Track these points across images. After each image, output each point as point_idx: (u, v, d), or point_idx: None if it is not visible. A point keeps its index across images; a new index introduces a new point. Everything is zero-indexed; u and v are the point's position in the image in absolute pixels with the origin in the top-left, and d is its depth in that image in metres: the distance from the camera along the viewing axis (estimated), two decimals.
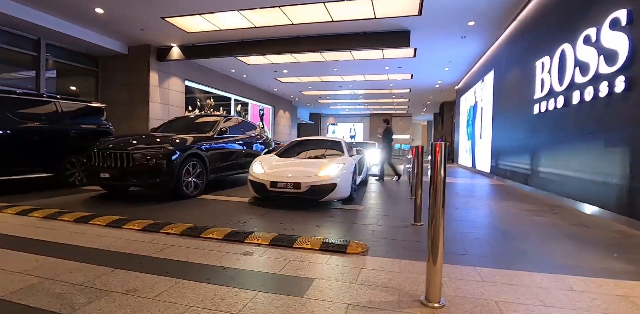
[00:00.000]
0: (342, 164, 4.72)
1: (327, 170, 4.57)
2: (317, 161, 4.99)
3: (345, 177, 4.61)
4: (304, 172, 4.62)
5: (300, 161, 5.21)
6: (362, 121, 30.29)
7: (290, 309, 1.81)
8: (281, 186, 4.44)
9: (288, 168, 4.84)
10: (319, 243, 2.88)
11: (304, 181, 4.40)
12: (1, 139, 4.91)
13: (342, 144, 5.91)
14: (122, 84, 10.06)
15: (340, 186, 4.47)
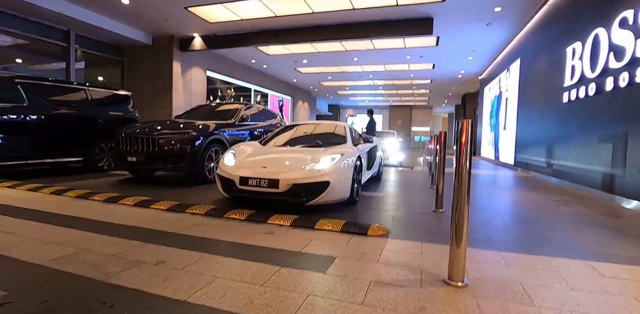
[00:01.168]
0: (339, 156, 3.56)
1: (317, 163, 3.44)
2: (308, 151, 3.86)
3: (343, 173, 3.45)
4: (286, 165, 3.55)
5: (286, 151, 4.07)
6: (381, 112, 29.95)
7: (313, 283, 1.84)
8: (253, 183, 3.31)
9: (267, 159, 3.72)
10: (340, 224, 2.90)
11: (283, 176, 3.25)
12: (37, 125, 5.14)
13: (345, 130, 4.68)
14: (147, 73, 10.30)
15: (335, 185, 3.33)
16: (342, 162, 3.52)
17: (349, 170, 3.57)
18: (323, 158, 3.52)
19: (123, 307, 1.54)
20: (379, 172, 5.97)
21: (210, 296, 1.66)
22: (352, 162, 3.67)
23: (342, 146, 4.11)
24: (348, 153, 3.70)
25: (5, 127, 4.78)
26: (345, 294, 1.72)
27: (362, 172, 4.23)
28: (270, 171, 3.40)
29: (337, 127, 4.88)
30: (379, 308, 1.60)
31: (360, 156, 4.02)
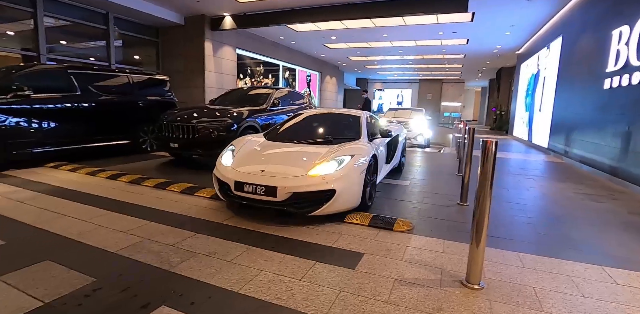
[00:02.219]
0: (348, 158, 3.15)
1: (321, 167, 3.04)
2: (314, 150, 3.41)
3: (352, 178, 3.06)
4: (287, 168, 3.11)
5: (290, 150, 3.56)
6: (410, 86, 29.09)
7: (344, 279, 2.11)
8: (249, 189, 2.96)
9: (266, 160, 3.33)
10: (367, 219, 3.14)
11: (282, 184, 2.89)
12: (88, 111, 5.58)
13: (360, 123, 4.13)
14: (180, 53, 10.55)
15: (343, 194, 2.97)
16: (352, 165, 3.11)
17: (360, 174, 3.15)
18: (329, 161, 3.09)
19: (189, 296, 1.88)
20: (400, 164, 5.50)
21: (257, 288, 1.97)
22: (364, 163, 3.23)
23: (354, 143, 3.62)
24: (360, 153, 3.30)
25: (62, 114, 5.24)
26: (372, 292, 1.98)
27: (379, 171, 3.87)
28: (268, 176, 2.99)
29: (352, 119, 4.31)
30: (402, 306, 1.85)
31: (375, 154, 3.58)
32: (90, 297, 1.84)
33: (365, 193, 3.27)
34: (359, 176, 3.14)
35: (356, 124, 4.15)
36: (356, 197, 3.16)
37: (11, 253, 2.33)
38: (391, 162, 4.69)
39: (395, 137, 4.85)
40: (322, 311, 1.78)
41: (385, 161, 4.41)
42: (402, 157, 5.58)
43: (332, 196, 2.94)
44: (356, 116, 4.34)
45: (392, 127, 5.12)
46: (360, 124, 4.11)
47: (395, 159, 4.90)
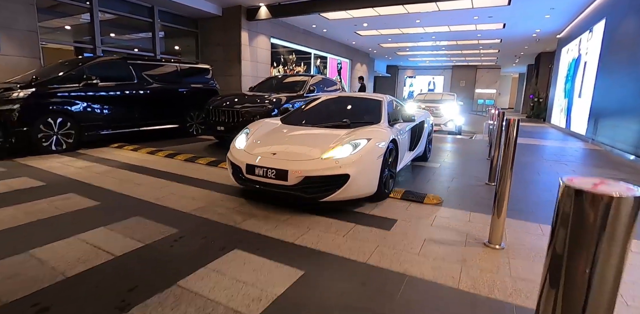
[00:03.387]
0: (364, 141, 3.01)
1: (335, 151, 2.93)
2: (329, 134, 3.31)
3: (368, 163, 2.93)
4: (300, 152, 3.04)
5: (305, 133, 3.51)
6: (443, 73, 28.42)
7: (381, 237, 2.48)
8: (260, 173, 2.90)
9: (280, 143, 3.23)
10: (400, 193, 3.47)
11: (293, 167, 2.80)
12: (143, 98, 6.19)
13: (381, 107, 3.94)
14: (218, 43, 11.07)
15: (357, 179, 2.84)
16: (369, 149, 2.97)
17: (377, 158, 3.01)
18: (343, 145, 2.97)
19: (255, 244, 2.31)
20: (426, 152, 5.08)
21: (309, 241, 2.37)
22: (382, 148, 3.08)
23: (372, 127, 3.47)
24: (378, 137, 3.15)
25: (122, 100, 5.87)
26: (405, 247, 2.33)
27: (400, 157, 3.69)
28: (280, 159, 2.91)
29: (372, 102, 4.12)
30: (431, 257, 2.19)
31: (395, 139, 3.39)
32: (178, 241, 2.32)
33: (383, 180, 3.13)
34: (375, 161, 2.99)
35: (377, 108, 3.95)
36: (372, 183, 3.01)
37: (107, 210, 2.88)
38: (415, 149, 4.48)
39: (420, 123, 4.62)
40: (363, 258, 2.16)
41: (409, 148, 4.25)
42: (428, 145, 5.24)
43: (346, 181, 2.79)
44: (377, 100, 4.11)
45: (418, 113, 4.87)
46: (381, 108, 3.91)
47: (419, 146, 4.63)
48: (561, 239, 0.66)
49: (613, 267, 0.63)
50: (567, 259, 0.65)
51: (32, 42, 6.85)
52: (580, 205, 0.65)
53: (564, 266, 0.65)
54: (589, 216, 0.63)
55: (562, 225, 0.67)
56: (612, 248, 0.63)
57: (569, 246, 0.65)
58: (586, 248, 0.63)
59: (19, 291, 1.71)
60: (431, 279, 1.94)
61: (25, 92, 4.69)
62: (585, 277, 0.62)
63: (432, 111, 9.98)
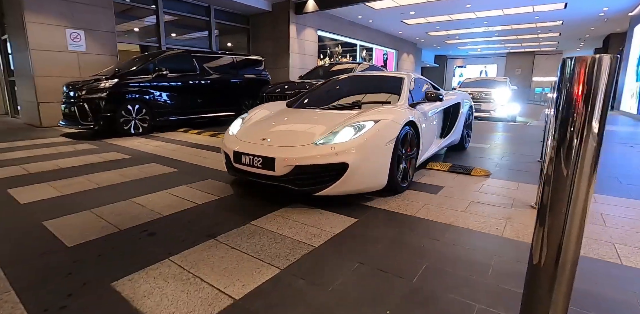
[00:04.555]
0: (371, 124, 2.50)
1: (332, 135, 2.46)
2: (334, 117, 2.83)
3: (372, 150, 2.42)
4: (293, 136, 2.61)
5: (306, 116, 3.06)
6: (496, 61, 26.91)
7: (427, 198, 2.65)
8: (246, 161, 2.53)
9: (275, 127, 2.85)
10: (447, 166, 3.58)
11: (281, 155, 2.38)
12: (204, 87, 6.79)
13: (402, 84, 3.39)
14: (267, 38, 11.60)
15: (359, 169, 2.35)
16: (375, 132, 2.44)
17: (386, 144, 2.48)
18: (343, 128, 2.48)
19: (313, 199, 2.60)
20: (463, 140, 4.45)
21: (361, 199, 2.61)
22: (394, 131, 2.55)
23: (385, 107, 2.93)
24: (389, 118, 2.61)
25: (187, 90, 6.50)
26: (451, 206, 2.49)
27: (424, 144, 3.15)
28: (268, 145, 2.51)
29: (393, 80, 3.57)
30: (476, 214, 2.33)
31: (414, 122, 2.83)
32: (245, 197, 2.68)
33: (395, 171, 2.59)
34: (383, 148, 2.47)
35: (397, 86, 3.39)
36: (380, 175, 2.50)
37: (184, 174, 3.34)
38: (448, 136, 3.92)
39: (454, 105, 4.07)
40: (411, 212, 2.36)
41: (439, 134, 3.83)
42: (466, 132, 4.58)
43: (344, 171, 2.31)
44: (398, 78, 3.56)
45: (451, 93, 4.37)
46: (402, 86, 3.37)
47: (454, 133, 4.04)
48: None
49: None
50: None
51: (111, 42, 7.76)
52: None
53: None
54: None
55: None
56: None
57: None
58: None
59: (129, 223, 2.15)
60: (475, 229, 2.09)
61: (111, 83, 5.42)
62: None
63: (481, 97, 9.63)
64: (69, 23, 6.98)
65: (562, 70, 0.76)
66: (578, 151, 0.74)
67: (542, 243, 0.81)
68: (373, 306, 1.35)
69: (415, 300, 1.39)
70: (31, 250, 1.80)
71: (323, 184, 2.37)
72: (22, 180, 3.10)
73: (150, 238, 1.95)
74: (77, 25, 7.11)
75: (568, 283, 0.80)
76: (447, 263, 1.69)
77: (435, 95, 3.28)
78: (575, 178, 0.75)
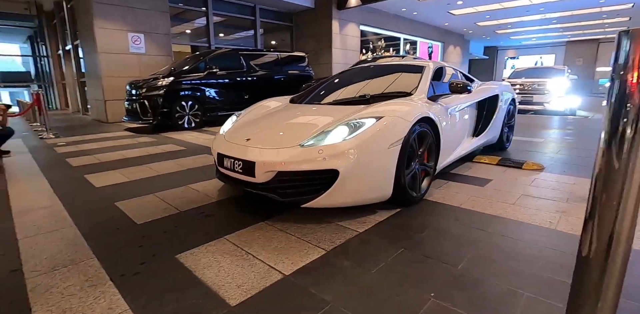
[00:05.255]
0: (370, 121, 2.07)
1: (323, 135, 2.06)
2: (334, 114, 2.39)
3: (370, 154, 1.99)
4: (280, 137, 2.23)
5: (303, 113, 2.65)
6: (553, 51, 24.94)
7: (473, 191, 2.59)
8: (228, 165, 2.22)
9: (265, 126, 2.47)
10: (495, 160, 3.45)
11: (262, 158, 2.03)
12: (251, 83, 7.08)
13: (422, 73, 2.94)
14: (310, 34, 11.75)
15: (354, 178, 1.96)
16: (375, 132, 2.01)
17: (390, 147, 2.03)
18: (337, 127, 2.07)
19: None
20: (502, 139, 3.90)
21: None
22: (401, 130, 2.08)
23: (396, 101, 2.44)
24: (396, 114, 2.15)
25: (234, 86, 6.82)
26: (500, 198, 2.41)
27: (447, 145, 2.69)
28: (250, 146, 2.15)
29: (410, 70, 3.12)
30: (527, 207, 2.24)
31: (431, 118, 2.35)
32: None
33: (403, 179, 2.11)
34: (386, 151, 2.01)
35: (415, 77, 2.92)
36: (382, 184, 2.06)
37: None
38: (483, 134, 3.43)
39: (491, 98, 3.58)
40: (457, 203, 2.33)
41: (472, 132, 3.39)
42: (506, 129, 3.98)
43: (334, 180, 1.90)
44: (419, 66, 3.10)
45: (488, 86, 3.72)
46: (421, 76, 2.90)
47: (490, 131, 3.53)
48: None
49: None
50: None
51: (167, 44, 8.32)
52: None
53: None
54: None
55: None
56: None
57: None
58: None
59: (187, 205, 2.35)
60: (526, 221, 2.02)
61: (167, 81, 5.85)
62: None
63: (534, 88, 8.93)
64: (130, 27, 7.59)
65: (618, 47, 0.69)
66: (632, 141, 0.71)
67: (592, 235, 0.80)
68: (416, 288, 1.38)
69: (459, 285, 1.40)
70: (107, 226, 2.04)
71: (311, 194, 1.96)
72: (96, 167, 3.48)
73: (208, 218, 2.13)
74: (138, 29, 7.71)
75: (619, 275, 0.78)
76: (493, 252, 1.66)
77: (462, 85, 2.77)
78: (628, 169, 0.73)
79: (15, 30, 12.64)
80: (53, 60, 11.71)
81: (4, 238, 1.90)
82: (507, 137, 4.07)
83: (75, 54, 9.56)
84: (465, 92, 2.79)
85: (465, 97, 3.08)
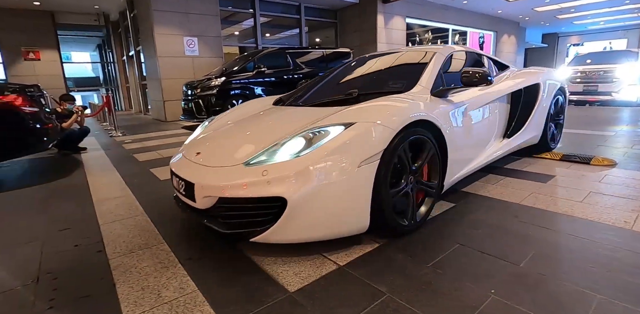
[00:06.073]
0: (336, 130, 1.59)
1: (275, 150, 1.61)
2: (310, 116, 1.91)
3: (330, 175, 1.47)
4: (228, 151, 1.80)
5: (280, 116, 2.22)
6: (625, 35, 22.39)
7: (535, 187, 2.44)
8: (175, 184, 1.85)
9: (221, 136, 2.10)
10: (559, 155, 3.21)
11: (202, 180, 1.64)
12: (296, 81, 7.19)
13: (429, 63, 2.36)
14: (354, 30, 11.67)
15: (310, 206, 1.47)
16: (339, 146, 1.51)
17: (363, 165, 1.51)
18: (291, 139, 1.62)
19: None
20: (546, 138, 3.21)
21: (457, 185, 2.53)
22: (379, 142, 1.56)
23: (380, 100, 1.87)
24: (372, 120, 1.61)
25: (282, 84, 6.99)
26: (565, 195, 2.25)
27: (459, 155, 2.14)
28: (194, 163, 1.80)
29: (417, 59, 2.56)
30: (597, 205, 2.07)
31: (431, 121, 1.82)
32: None
33: (385, 204, 1.59)
34: (355, 171, 1.49)
35: (420, 67, 2.35)
36: (353, 213, 1.56)
37: None
38: (518, 134, 2.84)
39: (529, 88, 2.93)
40: (517, 200, 2.21)
41: (504, 132, 2.82)
42: (551, 126, 3.27)
43: (282, 211, 1.46)
44: (427, 53, 2.53)
45: (525, 73, 3.06)
46: (426, 66, 2.33)
47: (529, 129, 2.93)
48: None
49: None
50: None
51: (218, 46, 8.74)
52: None
53: None
54: None
55: None
56: None
57: None
58: None
59: None
60: (596, 220, 1.87)
61: (220, 81, 6.15)
62: None
63: (599, 75, 7.96)
64: (185, 32, 8.08)
65: None
66: None
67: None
68: (475, 284, 1.34)
69: (522, 283, 1.34)
70: (173, 214, 2.22)
71: (258, 226, 1.52)
72: (159, 162, 3.77)
73: None
74: (192, 33, 8.18)
75: None
76: (560, 251, 1.56)
77: (480, 75, 2.08)
78: None
79: (87, 40, 14.00)
80: (118, 66, 12.81)
81: (89, 224, 2.15)
82: (552, 135, 3.36)
83: (138, 59, 10.37)
84: (483, 83, 2.12)
85: (489, 89, 2.53)
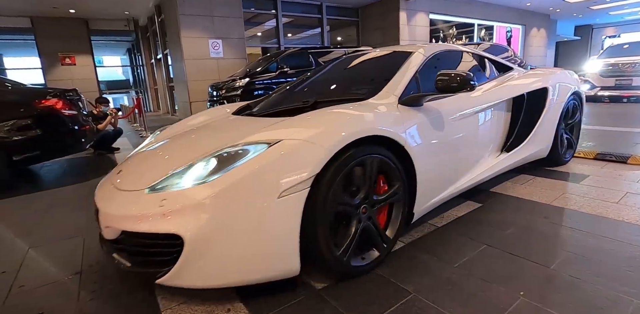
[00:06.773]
0: (260, 149, 1.27)
1: (182, 173, 1.31)
2: (247, 128, 1.70)
3: (243, 208, 1.17)
4: (142, 172, 1.56)
5: (219, 128, 1.97)
6: None
7: (566, 188, 2.37)
8: (96, 212, 1.49)
9: (153, 153, 1.82)
10: (593, 153, 3.08)
11: (106, 209, 1.38)
12: None
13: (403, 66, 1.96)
14: (376, 28, 11.57)
15: (216, 246, 1.16)
16: (257, 170, 1.21)
17: (286, 194, 1.20)
18: (203, 160, 1.34)
19: None
20: (557, 149, 2.73)
21: (486, 185, 2.49)
22: (309, 164, 1.25)
23: (335, 108, 1.59)
24: (302, 137, 1.31)
25: None
26: (599, 196, 2.17)
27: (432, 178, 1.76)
28: (106, 185, 1.60)
29: (392, 60, 2.19)
30: (635, 207, 1.99)
31: (393, 137, 1.50)
32: None
33: (323, 242, 1.31)
34: (275, 202, 1.20)
35: (393, 70, 1.96)
36: (277, 254, 1.26)
37: None
38: (521, 147, 2.42)
39: (536, 93, 2.53)
40: (547, 200, 2.16)
41: (502, 145, 2.41)
42: (564, 134, 2.83)
43: (179, 251, 1.17)
44: (405, 54, 2.12)
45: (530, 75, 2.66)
46: (399, 69, 1.95)
47: (534, 140, 2.50)
48: None
49: None
50: None
51: (241, 47, 8.91)
52: None
53: None
54: None
55: None
56: None
57: None
58: None
59: None
60: (634, 222, 1.80)
61: (244, 81, 6.28)
62: None
63: (634, 69, 7.42)
64: (210, 34, 8.29)
65: None
66: None
67: None
68: (504, 285, 1.33)
69: (552, 286, 1.31)
70: None
71: (161, 266, 1.23)
72: None
73: None
74: (217, 35, 8.38)
75: None
76: (595, 254, 1.52)
77: (462, 79, 1.65)
78: None
79: (118, 44, 14.63)
80: (147, 69, 13.30)
81: None
82: (566, 147, 2.87)
83: (165, 62, 10.73)
84: (463, 89, 1.67)
85: (480, 94, 2.16)
